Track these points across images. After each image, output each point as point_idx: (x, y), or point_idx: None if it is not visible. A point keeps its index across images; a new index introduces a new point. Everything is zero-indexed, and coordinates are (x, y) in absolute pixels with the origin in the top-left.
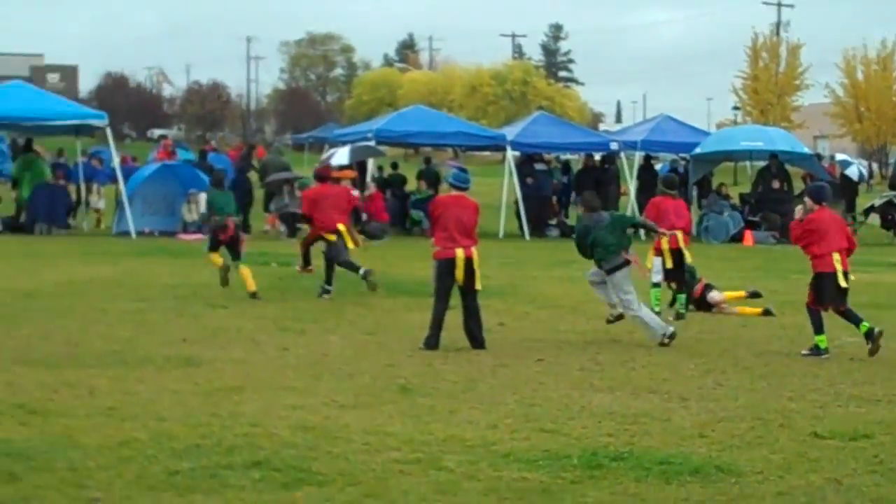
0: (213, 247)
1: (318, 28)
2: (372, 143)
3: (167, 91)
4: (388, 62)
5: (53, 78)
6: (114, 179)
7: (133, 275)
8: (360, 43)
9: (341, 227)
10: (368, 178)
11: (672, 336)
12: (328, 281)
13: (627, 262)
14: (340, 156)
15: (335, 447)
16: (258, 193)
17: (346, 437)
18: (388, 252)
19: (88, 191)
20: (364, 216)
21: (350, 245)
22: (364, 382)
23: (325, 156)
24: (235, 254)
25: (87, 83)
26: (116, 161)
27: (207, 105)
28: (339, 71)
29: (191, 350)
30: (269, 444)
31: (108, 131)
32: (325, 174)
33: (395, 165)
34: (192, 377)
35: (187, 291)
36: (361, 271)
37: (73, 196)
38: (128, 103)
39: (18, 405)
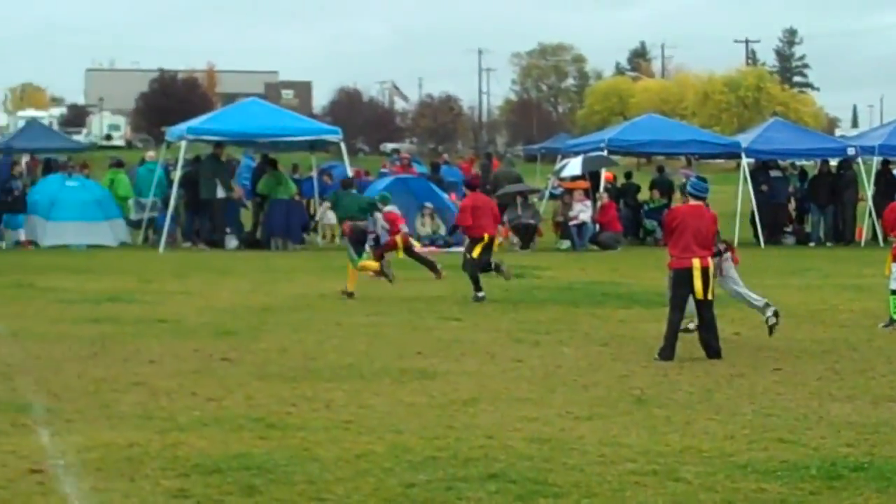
0: (360, 251)
1: (550, 38)
2: (604, 153)
3: (399, 105)
4: (619, 71)
5: (288, 94)
6: None
7: (367, 288)
8: (591, 52)
9: (487, 236)
10: (601, 188)
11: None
12: (478, 287)
13: (721, 252)
14: (573, 166)
15: (570, 459)
16: None
17: (581, 448)
18: (621, 262)
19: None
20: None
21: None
22: (599, 394)
23: (557, 166)
24: (361, 249)
25: (320, 99)
26: (351, 175)
27: (439, 118)
28: (570, 81)
29: (425, 362)
30: (505, 456)
31: (343, 146)
32: (475, 183)
33: (628, 175)
34: (428, 390)
35: (421, 304)
36: (493, 264)
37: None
38: (361, 118)
39: (257, 419)
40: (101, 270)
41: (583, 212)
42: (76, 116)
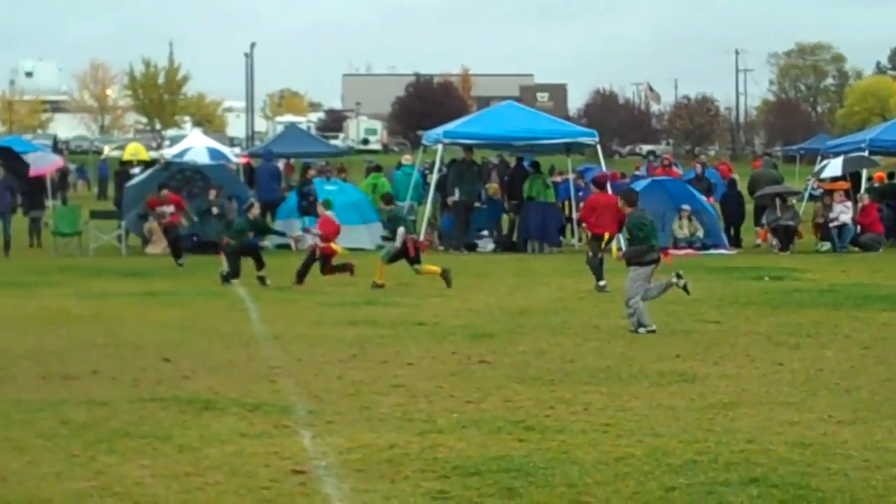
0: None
1: (808, 38)
2: (865, 154)
3: (654, 107)
4: (880, 70)
5: (542, 97)
6: None
7: (623, 291)
8: (851, 51)
9: (607, 235)
10: (862, 189)
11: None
12: (600, 277)
13: (658, 260)
14: (833, 167)
15: (833, 464)
16: (749, 207)
17: (844, 453)
18: (883, 264)
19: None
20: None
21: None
22: (862, 397)
23: (817, 167)
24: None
25: (575, 101)
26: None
27: (696, 119)
28: (829, 81)
29: (684, 365)
30: (766, 460)
31: (598, 148)
32: (603, 181)
33: (891, 175)
34: (687, 393)
35: (679, 307)
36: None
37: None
38: (616, 120)
39: (516, 421)
40: (359, 273)
41: (843, 213)
42: (333, 121)
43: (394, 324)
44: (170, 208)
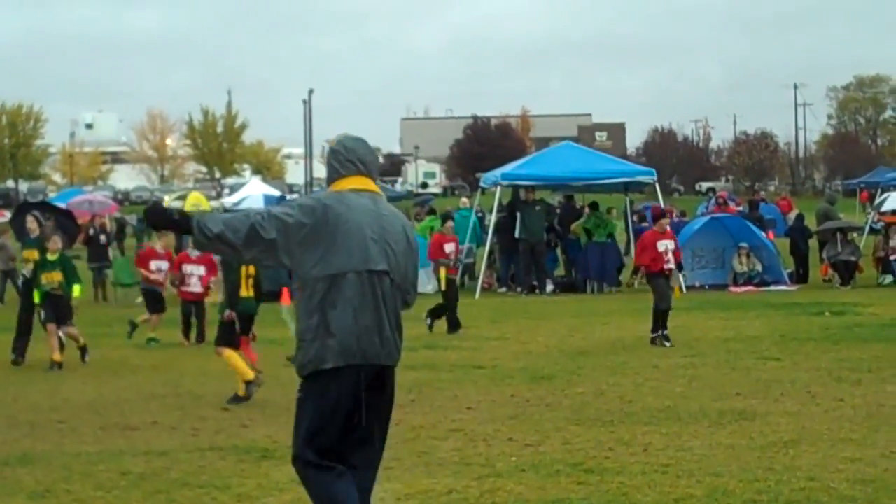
0: None
1: (866, 71)
2: None
3: (714, 143)
4: None
5: (601, 136)
6: None
7: (684, 329)
8: None
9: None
10: None
11: None
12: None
13: None
14: (893, 199)
15: (895, 500)
16: (812, 243)
17: None
18: None
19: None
20: None
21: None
22: None
23: (878, 200)
24: None
25: (633, 139)
26: None
27: (755, 155)
28: (889, 113)
29: (744, 403)
30: (827, 498)
31: (657, 187)
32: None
33: None
34: (747, 431)
35: (739, 345)
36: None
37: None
38: (675, 157)
39: (575, 464)
40: (417, 318)
41: None
42: (392, 165)
43: (452, 367)
44: None
